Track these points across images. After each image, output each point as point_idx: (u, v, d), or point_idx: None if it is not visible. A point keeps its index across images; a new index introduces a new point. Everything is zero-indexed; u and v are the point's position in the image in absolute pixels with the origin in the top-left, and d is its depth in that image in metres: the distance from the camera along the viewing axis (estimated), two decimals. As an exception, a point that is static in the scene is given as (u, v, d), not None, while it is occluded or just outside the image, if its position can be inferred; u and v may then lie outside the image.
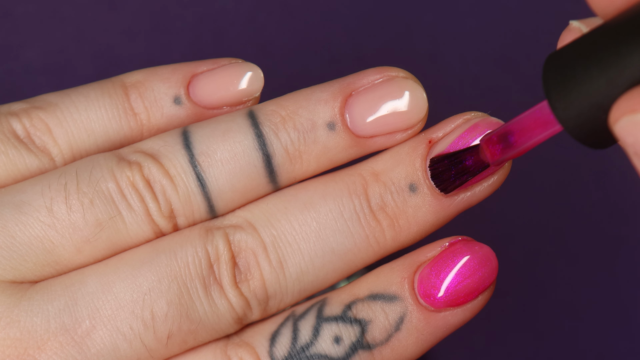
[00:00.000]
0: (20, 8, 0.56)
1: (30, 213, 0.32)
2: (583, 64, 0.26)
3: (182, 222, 0.33)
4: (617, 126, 0.25)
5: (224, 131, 0.33)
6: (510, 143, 0.30)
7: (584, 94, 0.26)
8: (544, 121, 0.29)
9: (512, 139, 0.30)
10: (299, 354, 0.32)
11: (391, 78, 0.33)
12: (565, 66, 0.26)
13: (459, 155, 0.32)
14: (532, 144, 0.30)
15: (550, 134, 0.29)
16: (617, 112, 0.25)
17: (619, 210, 0.57)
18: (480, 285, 0.32)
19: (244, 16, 0.57)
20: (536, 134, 0.29)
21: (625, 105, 0.25)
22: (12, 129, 0.34)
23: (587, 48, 0.26)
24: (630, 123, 0.24)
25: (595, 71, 0.26)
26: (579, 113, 0.26)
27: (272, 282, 0.32)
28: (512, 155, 0.30)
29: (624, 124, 0.25)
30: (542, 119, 0.29)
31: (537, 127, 0.29)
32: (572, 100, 0.26)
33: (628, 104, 0.25)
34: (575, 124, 0.26)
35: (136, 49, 0.56)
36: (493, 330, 0.56)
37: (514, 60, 0.57)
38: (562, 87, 0.26)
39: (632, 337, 0.56)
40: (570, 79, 0.26)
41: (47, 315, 0.31)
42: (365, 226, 0.33)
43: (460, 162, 0.32)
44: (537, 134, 0.29)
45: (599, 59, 0.26)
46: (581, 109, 0.26)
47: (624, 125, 0.25)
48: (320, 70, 0.56)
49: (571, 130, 0.27)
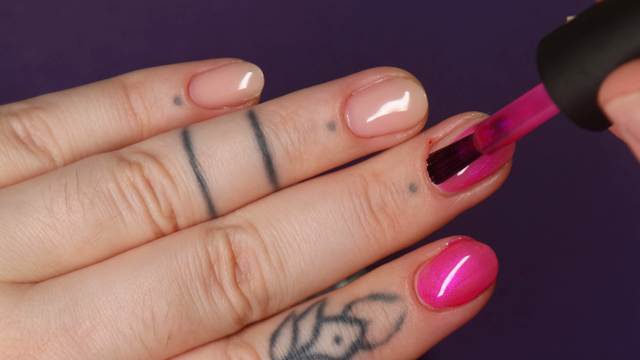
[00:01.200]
0: (20, 8, 0.56)
1: (31, 213, 0.32)
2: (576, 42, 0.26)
3: (183, 222, 0.33)
4: (609, 107, 0.25)
5: (224, 131, 0.33)
6: (501, 128, 0.30)
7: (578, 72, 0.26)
8: (536, 103, 0.29)
9: (503, 124, 0.30)
10: (299, 354, 0.32)
11: (391, 78, 0.33)
12: (559, 46, 0.26)
13: (454, 145, 0.32)
14: (523, 128, 0.29)
15: (543, 117, 0.29)
16: (607, 92, 0.25)
17: (619, 209, 0.57)
18: (480, 285, 0.32)
19: (244, 16, 0.57)
20: (528, 117, 0.29)
21: (616, 85, 0.25)
22: (12, 129, 0.34)
23: (579, 27, 0.26)
24: (622, 105, 0.24)
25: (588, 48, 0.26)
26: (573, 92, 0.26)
27: (272, 282, 0.32)
28: (504, 141, 0.30)
29: (616, 105, 0.25)
30: (535, 102, 0.29)
31: (529, 110, 0.29)
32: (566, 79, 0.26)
33: (619, 85, 0.25)
34: (570, 102, 0.26)
35: (136, 49, 0.56)
36: (493, 330, 0.56)
37: (514, 59, 0.57)
38: (556, 67, 0.26)
39: (632, 336, 0.56)
40: (564, 58, 0.26)
41: (47, 316, 0.31)
42: (365, 226, 0.33)
43: (454, 152, 0.32)
44: (529, 116, 0.29)
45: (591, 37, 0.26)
46: (575, 88, 0.26)
47: (616, 106, 0.25)
48: (320, 70, 0.56)
49: (566, 109, 0.26)
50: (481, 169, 0.32)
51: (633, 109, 0.24)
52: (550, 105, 0.28)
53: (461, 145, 0.32)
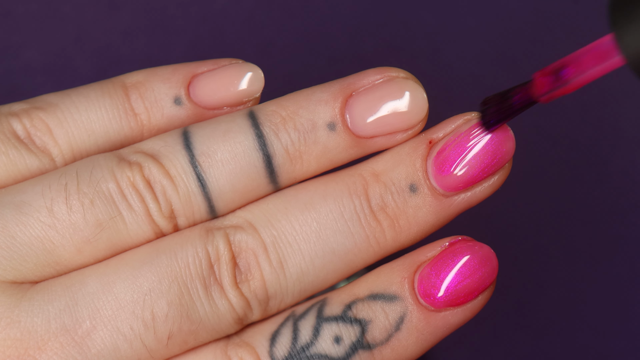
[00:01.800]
0: (20, 8, 0.56)
1: (31, 213, 0.32)
2: None
3: (183, 222, 0.33)
4: None
5: (225, 131, 0.33)
6: (561, 76, 0.29)
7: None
8: (601, 53, 0.28)
9: (564, 72, 0.29)
10: (299, 354, 0.32)
11: (391, 78, 0.33)
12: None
13: (509, 90, 0.31)
14: (584, 78, 0.29)
15: (606, 68, 0.28)
16: None
17: (619, 209, 0.57)
18: (480, 285, 0.32)
19: (244, 16, 0.57)
20: (590, 66, 0.28)
21: None
22: (13, 129, 0.34)
23: None
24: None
25: None
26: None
27: (272, 282, 0.32)
28: (562, 90, 0.29)
29: None
30: (600, 52, 0.28)
31: (593, 60, 0.28)
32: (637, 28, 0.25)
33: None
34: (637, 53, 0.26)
35: (136, 49, 0.56)
36: (493, 330, 0.56)
37: (514, 59, 0.57)
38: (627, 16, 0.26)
39: (632, 336, 0.56)
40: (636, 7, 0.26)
41: (47, 316, 0.31)
42: (365, 226, 0.33)
43: (509, 97, 0.31)
44: (591, 66, 0.28)
45: None
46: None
47: None
48: (320, 70, 0.56)
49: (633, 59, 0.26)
50: (481, 169, 0.32)
51: None
52: (615, 55, 0.27)
53: (517, 90, 0.31)
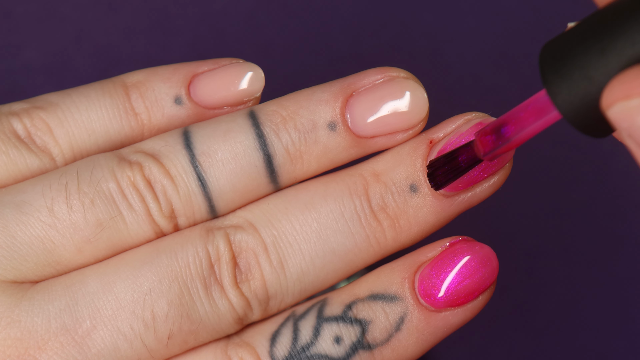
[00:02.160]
0: (20, 8, 0.56)
1: (31, 213, 0.32)
2: (578, 48, 0.26)
3: (183, 222, 0.33)
4: (611, 111, 0.25)
5: (225, 131, 0.33)
6: (502, 134, 0.30)
7: (581, 78, 0.26)
8: (538, 110, 0.28)
9: (504, 130, 0.30)
10: (299, 354, 0.32)
11: (392, 78, 0.33)
12: (561, 52, 0.26)
13: (454, 152, 0.32)
14: (525, 134, 0.29)
15: (545, 123, 0.28)
16: (609, 96, 0.25)
17: (619, 209, 0.57)
18: (480, 285, 0.32)
19: (244, 16, 0.57)
20: (529, 123, 0.29)
21: (618, 89, 0.24)
22: (13, 128, 0.34)
23: (582, 33, 0.26)
24: (624, 110, 0.24)
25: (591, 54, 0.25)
26: (576, 98, 0.26)
27: (272, 282, 0.32)
28: (505, 147, 0.30)
29: (618, 110, 0.24)
30: (537, 108, 0.28)
31: (531, 117, 0.29)
32: (569, 85, 0.26)
33: (621, 89, 0.24)
34: (572, 108, 0.26)
35: (136, 49, 0.56)
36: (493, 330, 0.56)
37: (514, 59, 0.57)
38: (559, 72, 0.26)
39: (632, 336, 0.56)
40: (567, 63, 0.26)
41: (47, 315, 0.31)
42: (365, 226, 0.33)
43: (455, 158, 0.32)
44: (531, 122, 0.29)
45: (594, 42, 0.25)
46: (578, 93, 0.26)
47: (618, 111, 0.24)
48: (320, 70, 0.56)
49: (568, 115, 0.26)
50: (482, 170, 0.32)
51: (635, 114, 0.24)
52: (552, 111, 0.28)
53: (462, 151, 0.32)
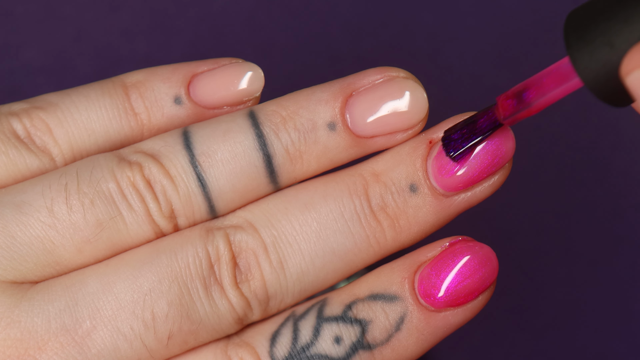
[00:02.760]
0: (20, 8, 0.56)
1: (31, 213, 0.32)
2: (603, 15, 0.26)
3: (183, 222, 0.33)
4: (629, 79, 0.25)
5: (225, 131, 0.33)
6: (523, 98, 0.30)
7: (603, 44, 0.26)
8: (560, 76, 0.28)
9: (526, 95, 0.30)
10: (299, 354, 0.32)
11: (392, 78, 0.33)
12: (586, 19, 0.26)
13: (474, 115, 0.32)
14: (546, 100, 0.29)
15: (566, 90, 0.28)
16: (628, 64, 0.25)
17: (619, 209, 0.57)
18: (480, 285, 0.32)
19: (244, 16, 0.57)
20: (551, 89, 0.29)
21: (638, 57, 0.24)
22: (13, 129, 0.34)
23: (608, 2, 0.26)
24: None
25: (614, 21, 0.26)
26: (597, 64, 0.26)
27: (272, 282, 0.32)
28: (525, 112, 0.30)
29: (636, 77, 0.24)
30: (559, 74, 0.28)
31: (553, 82, 0.29)
32: (591, 51, 0.26)
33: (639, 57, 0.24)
34: (593, 75, 0.26)
35: (136, 49, 0.56)
36: (493, 330, 0.56)
37: (514, 59, 0.57)
38: (582, 39, 0.26)
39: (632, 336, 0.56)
40: (590, 30, 0.26)
41: (47, 316, 0.31)
42: (365, 226, 0.33)
43: (474, 121, 0.32)
44: (552, 88, 0.29)
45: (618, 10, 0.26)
46: (599, 60, 0.26)
47: (636, 78, 0.24)
48: (320, 70, 0.56)
49: (589, 82, 0.26)
50: (481, 169, 0.32)
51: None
52: (574, 78, 0.28)
53: (481, 115, 0.31)
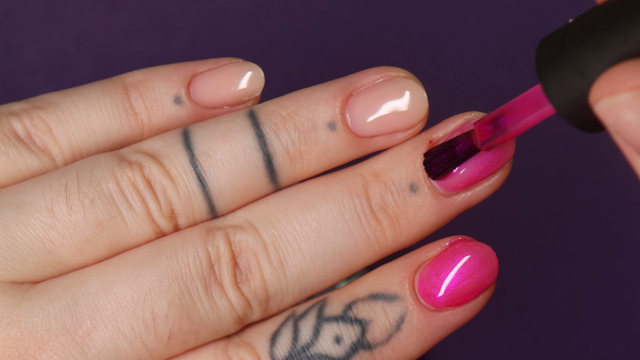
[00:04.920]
0: (20, 8, 0.56)
1: (31, 213, 0.32)
2: (573, 42, 0.26)
3: (183, 222, 0.33)
4: (598, 107, 0.25)
5: (225, 131, 0.33)
6: (499, 124, 0.30)
7: (574, 72, 0.26)
8: (534, 102, 0.29)
9: (502, 120, 0.30)
10: (299, 354, 0.32)
11: (392, 78, 0.33)
12: (557, 46, 0.26)
13: (452, 141, 0.32)
14: (521, 126, 0.30)
15: (540, 116, 0.29)
16: (596, 92, 0.25)
17: (619, 209, 0.57)
18: (480, 284, 0.32)
19: (244, 16, 0.57)
20: (526, 115, 0.29)
21: (606, 85, 0.25)
22: (13, 128, 0.34)
23: (578, 28, 0.26)
24: (610, 106, 0.24)
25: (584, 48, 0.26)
26: (568, 91, 0.26)
27: (272, 282, 0.32)
28: (502, 137, 0.30)
29: (604, 105, 0.24)
30: (533, 101, 0.29)
31: (527, 109, 0.29)
32: (562, 78, 0.26)
33: (608, 85, 0.24)
34: (565, 102, 0.26)
35: (136, 49, 0.56)
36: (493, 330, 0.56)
37: (514, 59, 0.57)
38: (553, 66, 0.26)
39: (633, 336, 0.56)
40: (561, 57, 0.26)
41: (47, 316, 0.31)
42: (365, 226, 0.33)
43: (452, 147, 0.32)
44: (527, 114, 0.29)
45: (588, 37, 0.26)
46: (570, 87, 0.26)
47: (604, 106, 0.25)
48: (320, 70, 0.56)
49: (561, 108, 0.27)
50: (481, 169, 0.32)
51: (621, 110, 0.24)
52: (547, 104, 0.28)
53: (460, 140, 0.32)
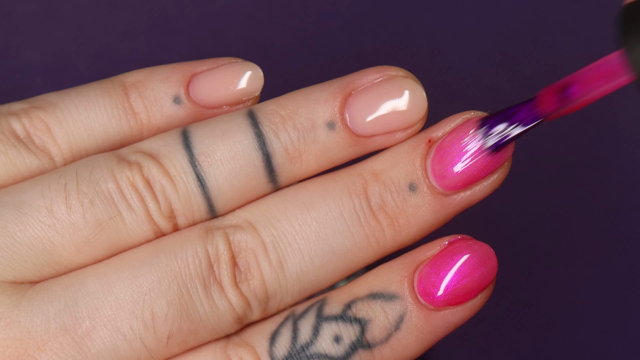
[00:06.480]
0: (20, 8, 0.56)
1: (30, 213, 0.32)
2: None
3: (182, 222, 0.33)
4: None
5: (224, 131, 0.33)
6: (567, 95, 0.29)
7: None
8: (608, 72, 0.28)
9: (570, 91, 0.29)
10: (299, 354, 0.32)
11: (391, 77, 0.33)
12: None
13: (511, 109, 0.32)
14: (591, 97, 0.29)
15: (613, 87, 0.28)
16: None
17: (619, 209, 0.57)
18: (479, 283, 0.32)
19: (244, 16, 0.57)
20: (597, 86, 0.28)
21: None
22: (12, 129, 0.34)
23: None
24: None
25: None
26: None
27: (272, 282, 0.32)
28: (569, 108, 0.30)
29: None
30: (607, 70, 0.28)
31: (599, 79, 0.28)
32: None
33: None
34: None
35: (136, 49, 0.56)
36: (493, 329, 0.56)
37: (514, 59, 0.57)
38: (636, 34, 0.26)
39: (632, 335, 0.56)
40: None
41: (47, 316, 0.31)
42: (365, 226, 0.33)
43: (514, 114, 0.31)
44: (600, 85, 0.28)
45: None
46: None
47: None
48: (320, 70, 0.56)
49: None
50: (481, 168, 0.32)
51: None
52: (622, 75, 0.27)
53: (520, 108, 0.31)
